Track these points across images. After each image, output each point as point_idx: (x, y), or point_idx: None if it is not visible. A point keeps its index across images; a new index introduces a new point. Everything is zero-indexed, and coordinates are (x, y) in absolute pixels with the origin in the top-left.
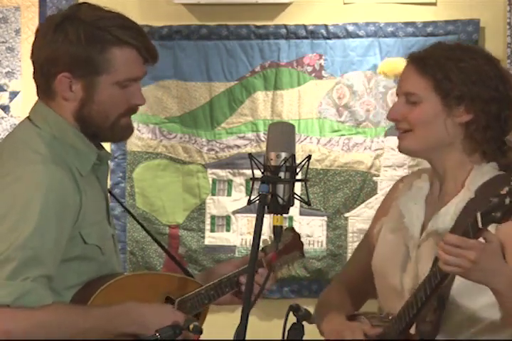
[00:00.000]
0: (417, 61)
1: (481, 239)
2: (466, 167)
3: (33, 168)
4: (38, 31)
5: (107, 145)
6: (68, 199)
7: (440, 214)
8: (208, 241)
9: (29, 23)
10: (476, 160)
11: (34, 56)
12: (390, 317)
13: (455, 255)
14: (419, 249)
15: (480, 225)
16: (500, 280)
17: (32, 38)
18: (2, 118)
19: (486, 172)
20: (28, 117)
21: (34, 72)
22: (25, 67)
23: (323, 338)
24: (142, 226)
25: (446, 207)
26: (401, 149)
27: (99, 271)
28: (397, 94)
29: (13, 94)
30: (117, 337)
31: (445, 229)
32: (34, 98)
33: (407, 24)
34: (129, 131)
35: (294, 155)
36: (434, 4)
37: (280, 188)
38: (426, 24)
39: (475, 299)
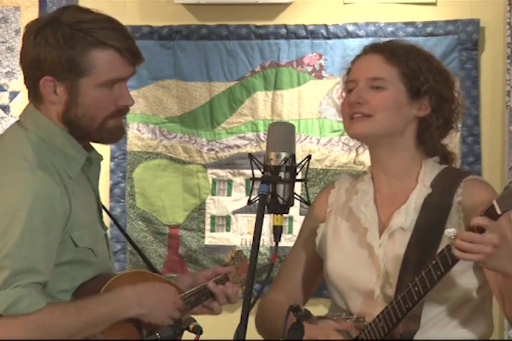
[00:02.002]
0: (385, 50)
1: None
2: (416, 162)
3: (20, 174)
4: (23, 36)
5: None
6: (56, 205)
7: (401, 212)
8: (208, 241)
9: None
10: (422, 156)
11: (21, 60)
12: (355, 316)
13: (478, 242)
14: (383, 248)
15: (499, 211)
16: None
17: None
18: (2, 118)
19: (433, 166)
20: (17, 121)
21: (23, 76)
22: None
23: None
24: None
25: (406, 204)
26: (355, 132)
27: (93, 274)
28: (352, 82)
29: (13, 94)
30: (120, 325)
31: (409, 225)
32: None
33: (407, 24)
34: (117, 133)
35: (294, 155)
36: (434, 4)
37: (280, 188)
38: (426, 24)
39: (450, 292)
